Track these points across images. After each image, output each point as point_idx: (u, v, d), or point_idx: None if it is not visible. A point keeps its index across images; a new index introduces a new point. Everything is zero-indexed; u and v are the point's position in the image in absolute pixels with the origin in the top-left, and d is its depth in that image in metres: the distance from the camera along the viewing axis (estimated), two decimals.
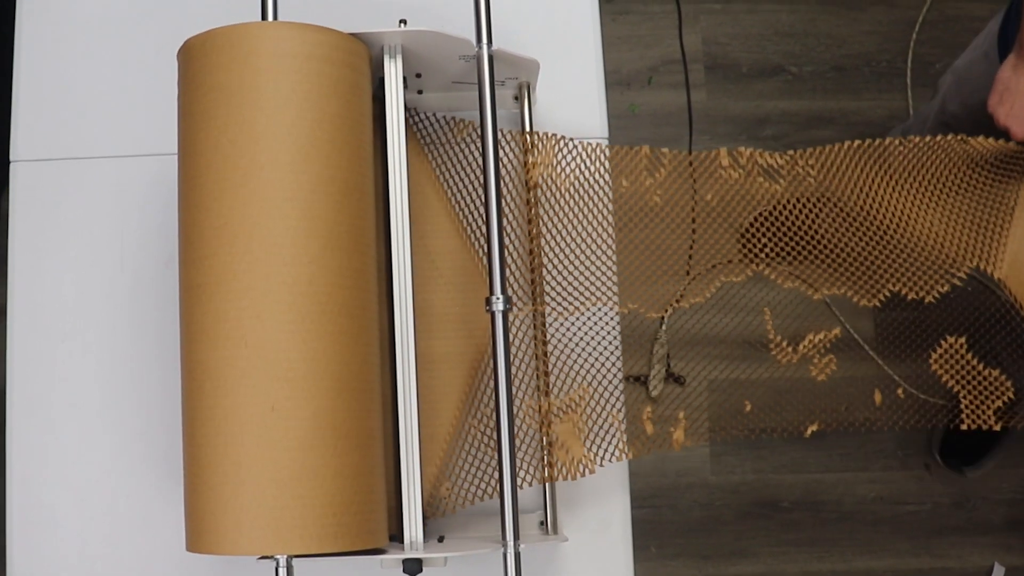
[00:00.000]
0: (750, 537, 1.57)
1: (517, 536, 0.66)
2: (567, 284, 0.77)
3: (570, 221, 0.78)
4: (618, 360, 0.78)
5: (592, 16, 0.88)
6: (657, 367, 1.56)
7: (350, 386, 0.62)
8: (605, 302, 0.77)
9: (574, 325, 0.79)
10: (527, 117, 0.80)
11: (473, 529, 0.76)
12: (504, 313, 0.68)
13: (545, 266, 0.78)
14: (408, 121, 0.79)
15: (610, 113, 0.87)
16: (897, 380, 1.56)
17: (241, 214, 0.61)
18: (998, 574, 1.56)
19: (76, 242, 0.83)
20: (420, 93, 0.80)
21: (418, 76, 0.77)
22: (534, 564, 0.79)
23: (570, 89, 0.86)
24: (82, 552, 0.78)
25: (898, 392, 0.88)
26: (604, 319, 0.79)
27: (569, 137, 0.78)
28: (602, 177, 0.79)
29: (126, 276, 0.82)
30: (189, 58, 0.66)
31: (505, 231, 0.79)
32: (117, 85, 0.86)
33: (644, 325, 1.57)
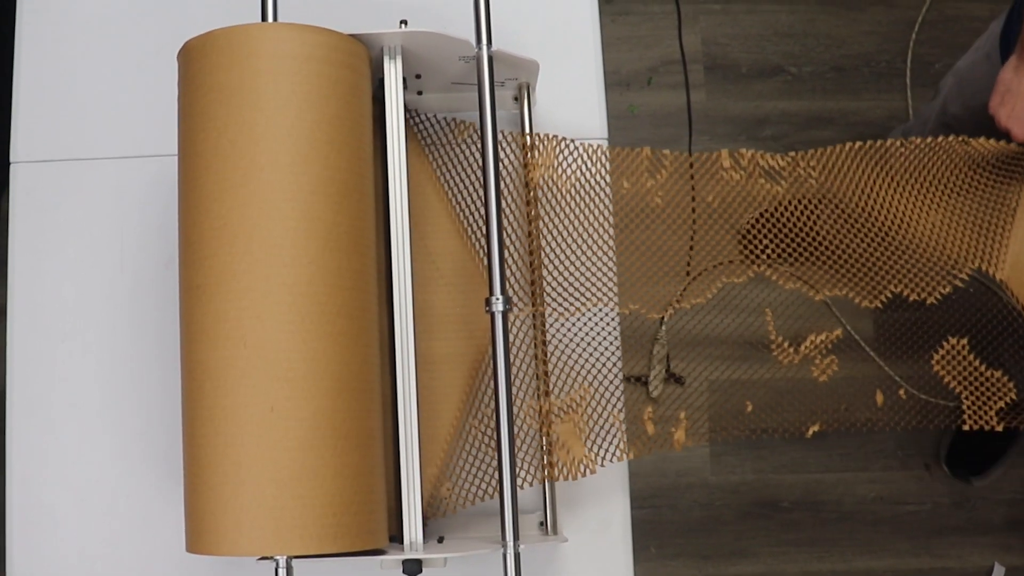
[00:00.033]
0: (750, 537, 1.57)
1: (517, 537, 0.66)
2: (567, 285, 0.77)
3: (571, 222, 0.78)
4: (618, 360, 0.78)
5: (592, 17, 0.88)
6: (657, 367, 1.56)
7: (350, 386, 0.63)
8: (606, 303, 0.77)
9: (575, 326, 0.79)
10: (527, 118, 0.80)
11: (473, 530, 0.76)
12: (504, 314, 0.68)
13: (545, 267, 0.78)
14: (408, 122, 0.79)
15: (610, 114, 0.87)
16: (898, 381, 1.56)
17: (240, 215, 0.61)
18: (998, 574, 1.56)
19: (76, 243, 0.83)
20: (420, 94, 0.80)
21: (418, 77, 0.77)
22: (534, 564, 0.79)
23: (570, 90, 0.86)
24: (82, 552, 0.78)
25: (900, 393, 0.88)
26: (604, 319, 0.79)
27: (570, 138, 0.78)
28: (603, 178, 0.79)
29: (126, 277, 0.82)
30: (189, 59, 0.66)
31: (505, 232, 0.79)
32: (117, 86, 0.86)
33: (644, 325, 1.57)
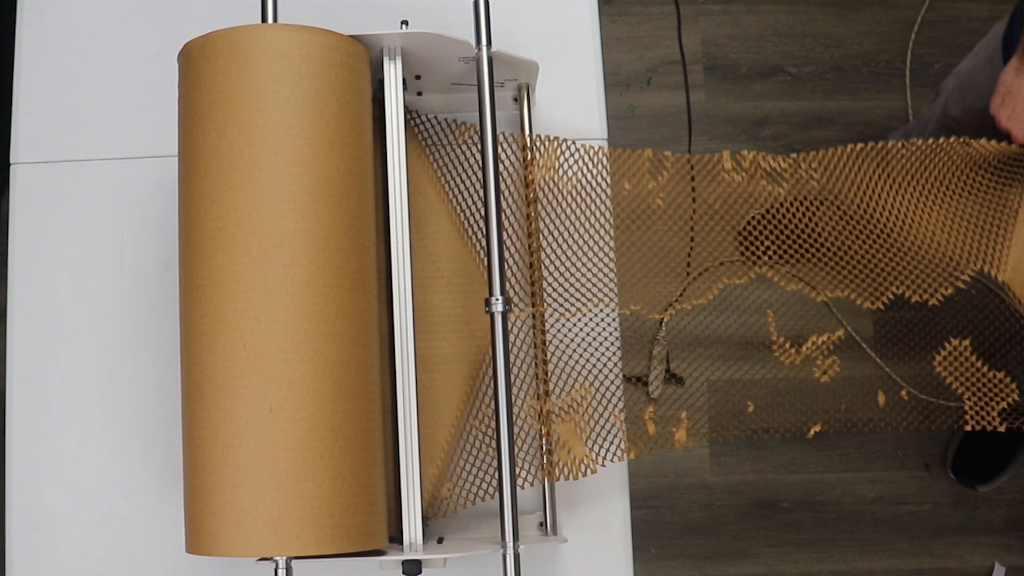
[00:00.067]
0: (750, 537, 1.57)
1: (516, 537, 0.66)
2: (568, 286, 0.77)
3: (571, 223, 0.78)
4: (618, 361, 0.78)
5: (591, 18, 0.88)
6: (657, 368, 1.56)
7: (349, 387, 0.62)
8: (607, 303, 0.77)
9: (575, 326, 0.79)
10: (526, 118, 0.80)
11: (473, 530, 0.76)
12: (503, 314, 0.68)
13: (546, 267, 0.78)
14: (408, 123, 0.79)
15: (609, 114, 0.87)
16: (900, 382, 1.56)
17: (239, 216, 0.61)
18: (999, 574, 1.56)
19: (76, 244, 0.83)
20: (420, 95, 0.80)
21: (417, 78, 0.77)
22: (533, 565, 0.79)
23: (569, 90, 0.86)
24: (82, 554, 0.78)
25: (902, 394, 0.88)
26: (604, 320, 0.79)
27: (571, 140, 0.78)
28: (603, 180, 0.79)
29: (126, 278, 0.82)
30: (189, 61, 0.66)
31: (506, 233, 0.79)
32: (117, 87, 0.86)
33: (644, 326, 1.57)
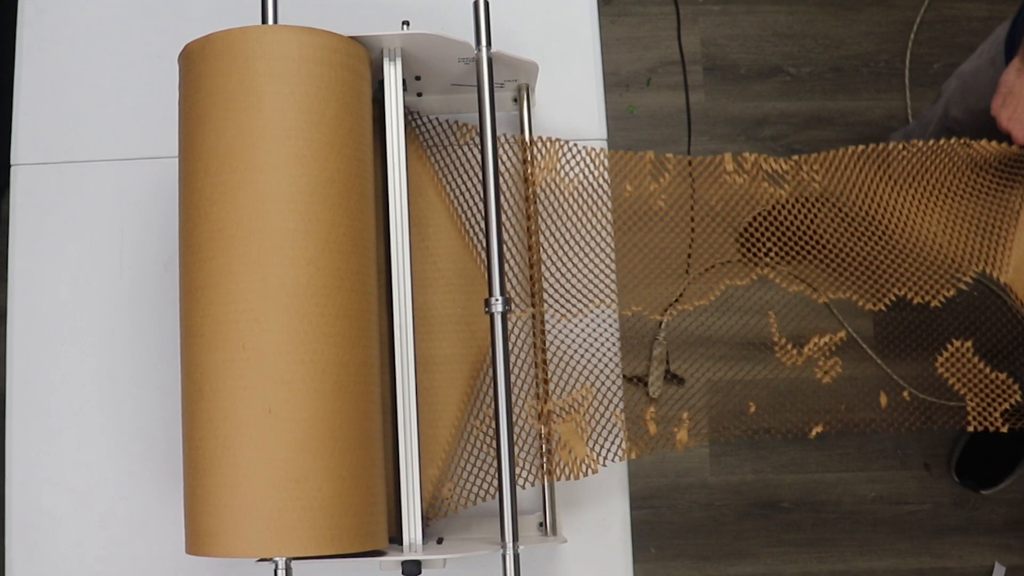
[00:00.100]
0: (750, 537, 1.57)
1: (516, 538, 0.66)
2: (569, 287, 0.77)
3: (573, 225, 0.78)
4: (618, 361, 0.78)
5: (591, 18, 0.88)
6: (657, 368, 1.56)
7: (348, 388, 0.63)
8: (609, 304, 0.77)
9: (576, 327, 0.79)
10: (526, 119, 0.80)
11: (472, 531, 0.76)
12: (503, 315, 0.68)
13: (548, 268, 0.78)
14: (408, 123, 0.79)
15: (609, 114, 0.87)
16: (902, 384, 1.56)
17: (238, 217, 0.61)
18: (999, 574, 1.56)
19: (76, 245, 0.83)
20: (420, 95, 0.80)
21: (417, 79, 0.77)
22: (533, 566, 0.79)
23: (569, 91, 0.86)
24: (82, 555, 0.78)
25: (904, 395, 0.87)
26: (605, 320, 0.79)
27: (572, 142, 0.78)
28: (605, 181, 0.79)
29: (126, 279, 0.82)
30: (189, 62, 0.66)
31: (506, 234, 0.79)
32: (117, 88, 0.86)
33: (644, 326, 1.57)
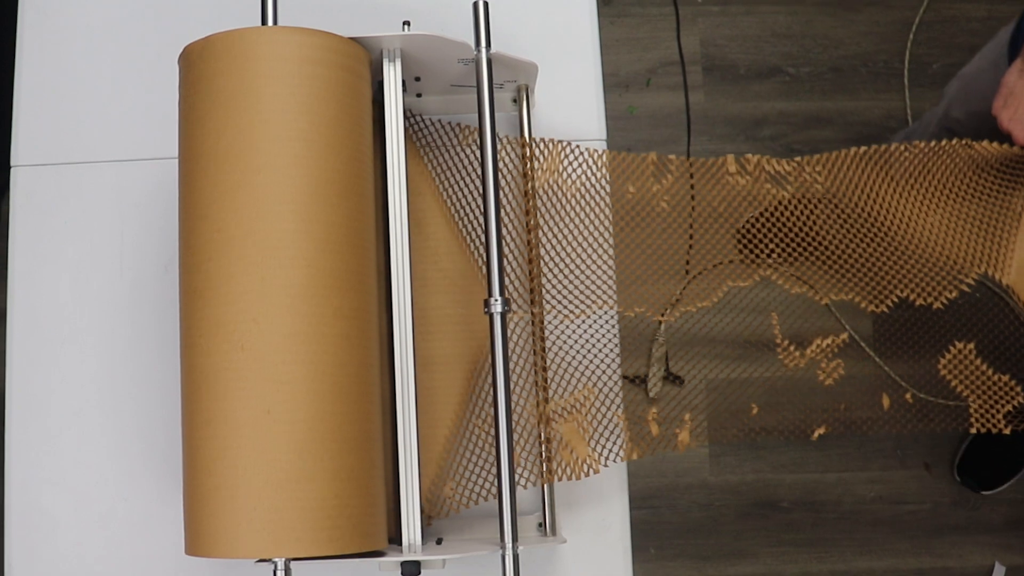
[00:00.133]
0: (749, 537, 1.57)
1: (515, 538, 0.66)
2: (570, 288, 0.77)
3: (576, 226, 0.78)
4: (618, 361, 0.79)
5: (590, 19, 0.88)
6: (656, 368, 1.56)
7: (347, 389, 0.63)
8: (612, 306, 0.77)
9: (576, 327, 0.79)
10: (526, 120, 0.80)
11: (472, 531, 0.76)
12: (502, 315, 0.68)
13: (551, 269, 0.78)
14: (407, 124, 0.79)
15: (608, 115, 0.87)
16: (905, 386, 1.56)
17: (236, 218, 0.61)
18: (998, 574, 1.56)
19: (76, 246, 0.83)
20: (419, 96, 0.80)
21: (417, 79, 0.77)
22: (533, 566, 0.79)
23: (569, 91, 0.86)
24: (81, 555, 0.78)
25: (906, 397, 0.87)
26: (605, 321, 0.79)
27: (575, 144, 0.78)
28: (605, 183, 0.79)
29: (125, 280, 0.83)
30: (189, 64, 0.66)
31: (506, 235, 0.79)
32: (117, 90, 0.86)
33: (643, 326, 1.57)
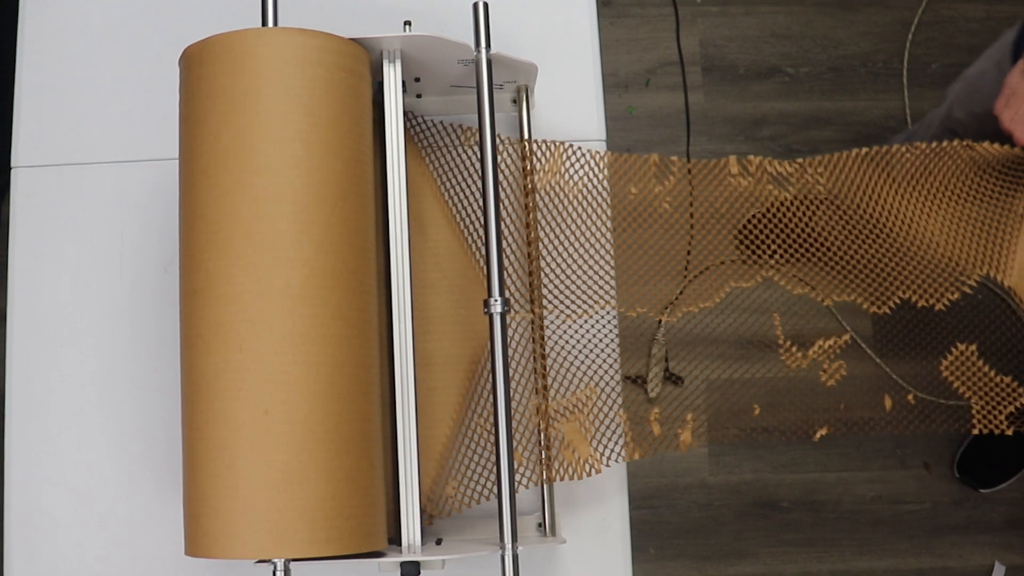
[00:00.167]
0: (749, 537, 1.57)
1: (515, 538, 0.66)
2: (570, 288, 0.77)
3: (578, 227, 0.78)
4: (618, 361, 0.79)
5: (590, 20, 0.88)
6: (655, 368, 1.56)
7: (345, 389, 0.63)
8: (613, 307, 0.77)
9: (576, 327, 0.79)
10: (525, 120, 0.80)
11: (471, 531, 0.76)
12: (502, 315, 0.68)
13: (552, 270, 0.78)
14: (407, 125, 0.79)
15: (608, 115, 0.87)
16: (906, 387, 1.56)
17: (234, 219, 0.62)
18: (999, 573, 1.56)
19: (76, 247, 0.83)
20: (419, 97, 0.80)
21: (417, 80, 0.77)
22: (532, 566, 0.79)
23: (568, 92, 0.86)
24: (81, 556, 0.78)
25: (909, 398, 0.87)
26: (606, 321, 0.79)
27: (577, 145, 0.78)
28: (610, 184, 0.79)
29: (125, 281, 0.83)
30: (189, 65, 0.66)
31: (507, 235, 0.79)
32: (117, 91, 0.86)
33: (642, 326, 1.57)
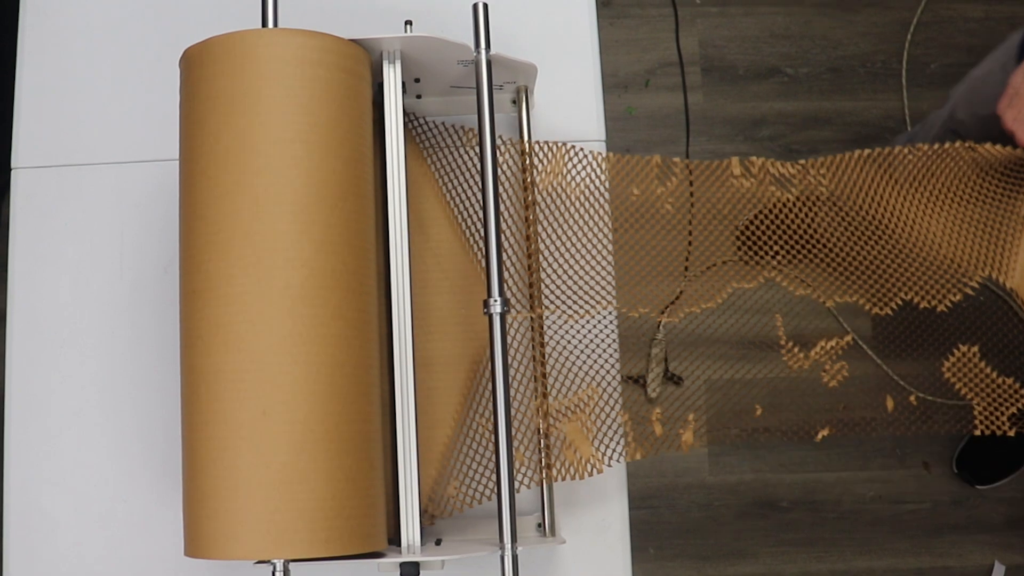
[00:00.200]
0: (749, 537, 1.57)
1: (515, 539, 0.66)
2: (570, 289, 0.77)
3: (580, 228, 0.78)
4: (617, 361, 0.79)
5: (589, 20, 0.88)
6: (655, 368, 1.56)
7: (344, 389, 0.62)
8: (614, 307, 0.77)
9: (580, 328, 0.79)
10: (525, 121, 0.80)
11: (471, 532, 0.76)
12: (502, 315, 0.68)
13: (553, 271, 0.78)
14: (407, 125, 0.79)
15: (608, 115, 0.87)
16: (904, 385, 1.56)
17: (234, 220, 0.62)
18: (998, 573, 1.56)
19: (76, 248, 0.83)
20: (419, 97, 0.80)
21: (417, 81, 0.77)
22: (532, 567, 0.79)
23: (568, 92, 0.86)
24: (81, 557, 0.78)
25: (911, 399, 0.87)
26: (606, 323, 0.79)
27: (579, 146, 0.78)
28: (612, 185, 0.79)
29: (125, 281, 0.83)
30: (189, 66, 0.66)
31: (507, 236, 0.79)
32: (117, 92, 0.86)
33: (642, 326, 1.57)
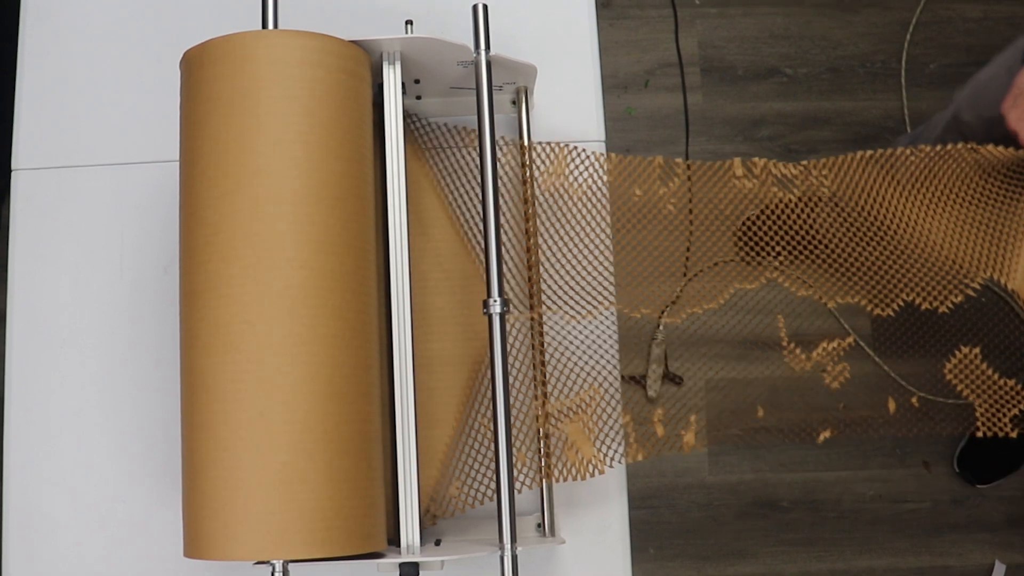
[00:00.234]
0: (749, 537, 1.57)
1: (514, 539, 0.66)
2: (570, 289, 0.77)
3: (581, 228, 0.78)
4: (617, 362, 0.79)
5: (589, 21, 0.88)
6: (655, 367, 1.56)
7: (343, 390, 0.63)
8: (615, 308, 0.77)
9: (580, 328, 0.79)
10: (525, 121, 0.80)
11: (470, 532, 0.76)
12: (501, 315, 0.68)
13: (556, 271, 0.78)
14: (407, 126, 0.79)
15: (607, 116, 0.87)
16: (904, 385, 1.56)
17: (233, 221, 0.62)
18: (999, 572, 1.56)
19: (76, 248, 0.83)
20: (419, 98, 0.80)
21: (417, 82, 0.77)
22: (532, 567, 0.79)
23: (567, 93, 0.86)
24: (80, 557, 0.78)
25: (912, 400, 0.88)
26: (607, 324, 0.79)
27: (581, 147, 0.78)
28: (614, 186, 0.79)
29: (125, 282, 0.83)
30: (189, 68, 0.66)
31: (507, 236, 0.79)
32: (117, 93, 0.86)
33: (642, 326, 1.57)
